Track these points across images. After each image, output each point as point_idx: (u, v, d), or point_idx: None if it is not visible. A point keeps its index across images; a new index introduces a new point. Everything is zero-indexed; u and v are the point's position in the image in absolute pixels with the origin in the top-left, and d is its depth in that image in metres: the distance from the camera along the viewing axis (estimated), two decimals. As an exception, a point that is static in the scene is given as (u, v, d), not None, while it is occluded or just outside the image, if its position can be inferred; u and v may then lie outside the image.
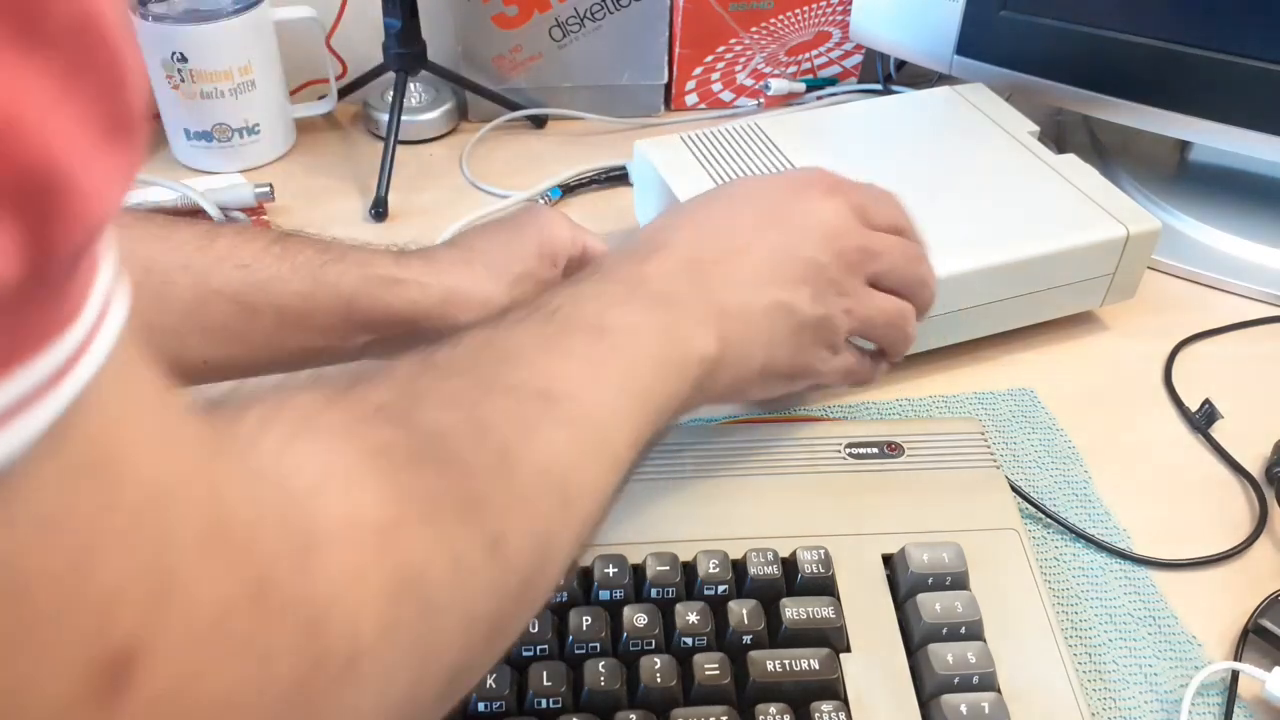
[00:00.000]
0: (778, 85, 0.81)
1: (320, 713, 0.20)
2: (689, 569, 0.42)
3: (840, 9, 0.78)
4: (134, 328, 0.16)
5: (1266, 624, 0.43)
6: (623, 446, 0.32)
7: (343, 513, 0.22)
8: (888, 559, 0.43)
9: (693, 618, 0.40)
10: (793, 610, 0.40)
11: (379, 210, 0.69)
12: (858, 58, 0.82)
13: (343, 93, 0.78)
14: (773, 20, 0.79)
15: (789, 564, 0.42)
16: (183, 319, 0.43)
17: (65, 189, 0.14)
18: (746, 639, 0.40)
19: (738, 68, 0.81)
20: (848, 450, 0.47)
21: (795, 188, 0.44)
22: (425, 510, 0.24)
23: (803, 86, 0.81)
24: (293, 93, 0.78)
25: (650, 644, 0.39)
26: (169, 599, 0.17)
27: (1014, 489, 0.48)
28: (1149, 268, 0.64)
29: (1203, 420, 0.54)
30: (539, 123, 0.79)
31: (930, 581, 0.41)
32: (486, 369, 0.30)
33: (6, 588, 0.15)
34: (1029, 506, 0.49)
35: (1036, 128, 0.65)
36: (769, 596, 0.41)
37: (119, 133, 0.15)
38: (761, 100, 0.82)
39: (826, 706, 0.38)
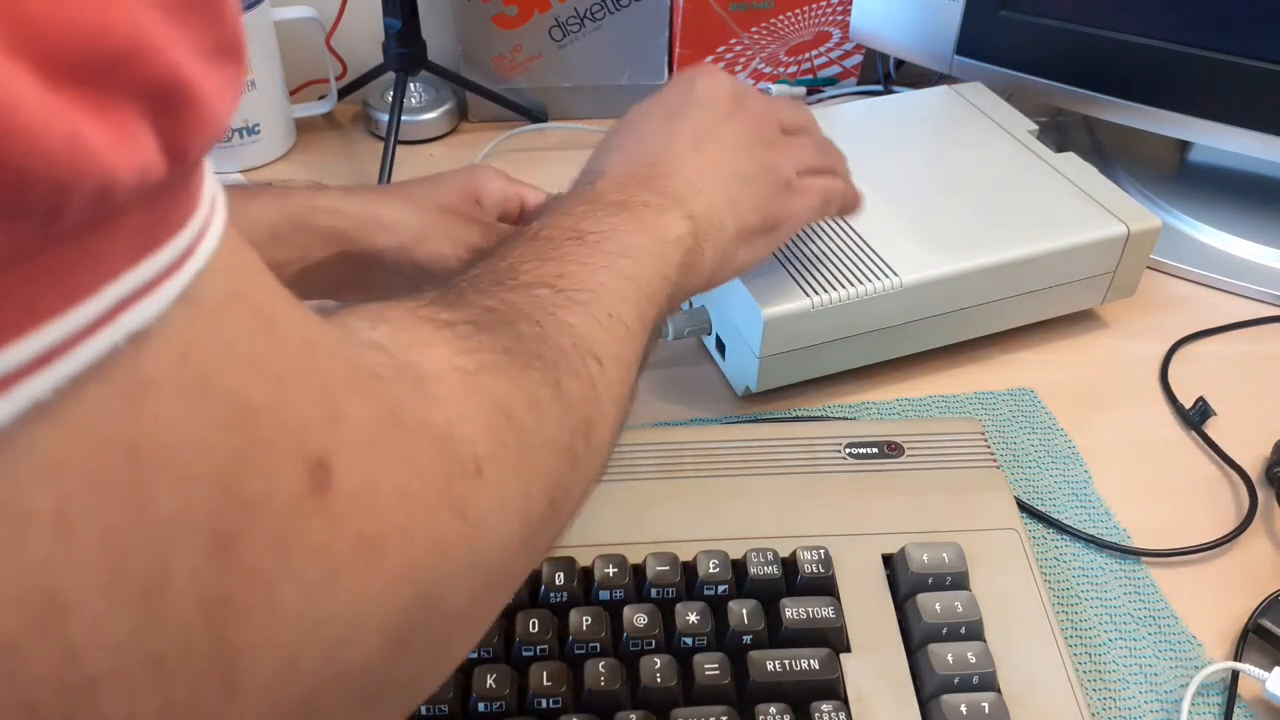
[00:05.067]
0: (778, 90, 0.81)
1: (465, 510, 0.24)
2: (689, 569, 0.42)
3: (840, 9, 0.78)
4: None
5: (1266, 624, 0.44)
6: (631, 321, 0.36)
7: (436, 364, 0.26)
8: (888, 559, 0.43)
9: (693, 618, 0.40)
10: (793, 610, 0.40)
11: (379, 210, 0.69)
12: (858, 58, 0.82)
13: (343, 93, 0.78)
14: (773, 20, 0.79)
15: (789, 564, 0.42)
16: None
17: (190, 99, 0.16)
18: (746, 639, 0.40)
19: (738, 68, 0.81)
20: (848, 450, 0.47)
21: (685, 84, 0.47)
22: (498, 362, 0.28)
23: (802, 90, 0.81)
24: (293, 93, 0.78)
25: (650, 644, 0.39)
26: (339, 421, 0.21)
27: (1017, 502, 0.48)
28: (1148, 267, 0.64)
29: (1196, 418, 0.54)
30: (539, 122, 0.79)
31: (930, 581, 0.41)
32: (495, 278, 0.33)
33: (239, 414, 0.18)
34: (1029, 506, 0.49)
35: (1036, 127, 0.65)
36: (769, 596, 0.41)
37: (225, 52, 0.17)
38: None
39: (826, 706, 0.38)
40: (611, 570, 0.41)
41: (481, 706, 0.37)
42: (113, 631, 0.17)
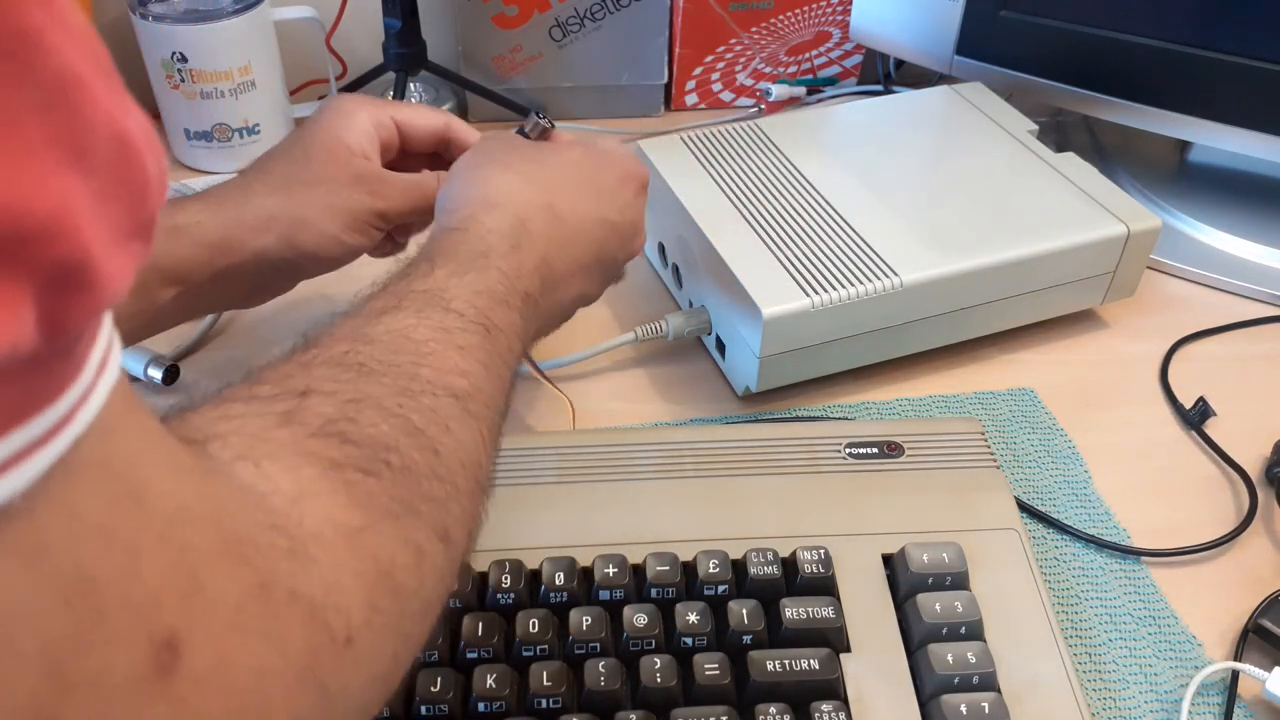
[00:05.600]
0: (779, 91, 0.81)
1: (328, 685, 0.23)
2: (689, 569, 0.42)
3: (840, 9, 0.78)
4: (123, 376, 0.19)
5: (1266, 624, 0.44)
6: (501, 422, 0.36)
7: (318, 521, 0.25)
8: (888, 559, 0.43)
9: (693, 618, 0.40)
10: (793, 610, 0.40)
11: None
12: (858, 58, 0.82)
13: (343, 92, 0.78)
14: (773, 20, 0.79)
15: (789, 564, 0.42)
16: None
17: (89, 279, 0.16)
18: (746, 639, 0.40)
19: (738, 68, 0.81)
20: (848, 450, 0.47)
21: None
22: (386, 512, 0.27)
23: (803, 90, 0.81)
24: (293, 93, 0.78)
25: (650, 644, 0.39)
26: (198, 596, 0.20)
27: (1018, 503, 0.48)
28: (1148, 267, 0.64)
29: (1196, 418, 0.54)
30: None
31: (930, 581, 0.41)
32: (405, 368, 0.32)
33: (79, 588, 0.18)
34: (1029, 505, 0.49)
35: (1036, 127, 0.65)
36: (769, 596, 0.41)
37: (138, 234, 0.18)
38: (762, 107, 0.82)
39: (826, 706, 0.38)
40: (611, 570, 0.41)
41: (481, 706, 0.37)
42: None
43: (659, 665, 0.38)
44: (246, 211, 0.46)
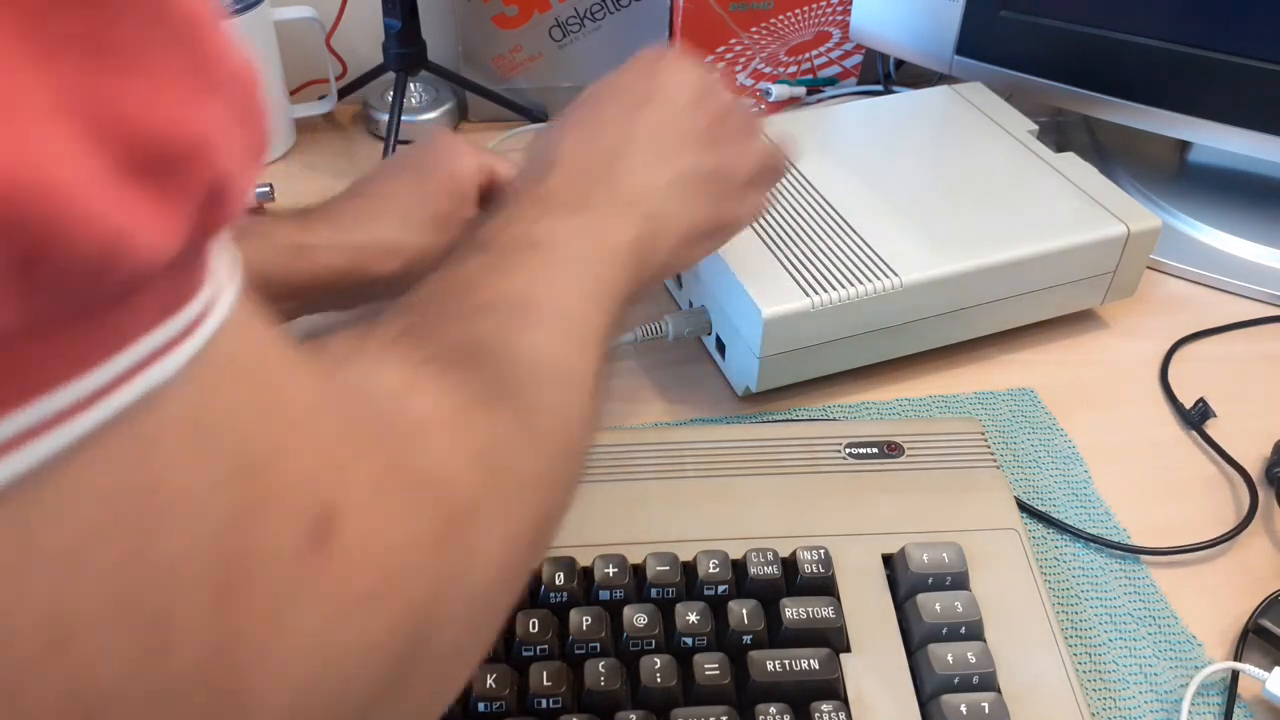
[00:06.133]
0: (779, 91, 0.81)
1: (459, 552, 0.26)
2: (689, 569, 0.42)
3: (840, 9, 0.78)
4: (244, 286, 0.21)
5: (1266, 624, 0.44)
6: (589, 334, 0.36)
7: (425, 407, 0.28)
8: (888, 559, 0.43)
9: (693, 618, 0.40)
10: (793, 610, 0.40)
11: (379, 210, 0.69)
12: (858, 58, 0.82)
13: (343, 93, 0.78)
14: (773, 20, 0.79)
15: (789, 564, 0.42)
16: None
17: (229, 195, 0.18)
18: (746, 639, 0.40)
19: (738, 68, 0.81)
20: (848, 450, 0.47)
21: (648, 70, 0.46)
22: (473, 402, 0.29)
23: (803, 90, 0.81)
24: (293, 93, 0.78)
25: (650, 644, 0.39)
26: (345, 474, 0.22)
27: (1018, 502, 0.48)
28: (1148, 267, 0.64)
29: (1196, 418, 0.54)
30: (539, 123, 0.79)
31: (930, 581, 0.41)
32: (455, 302, 0.34)
33: (238, 467, 0.19)
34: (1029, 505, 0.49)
35: (1035, 126, 0.65)
36: (769, 596, 0.41)
37: (257, 155, 0.19)
38: (762, 107, 0.82)
39: (826, 706, 0.38)
40: (611, 570, 0.41)
41: (481, 706, 0.37)
42: (116, 661, 0.17)
43: (659, 665, 0.38)
44: (374, 240, 0.49)
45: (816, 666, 0.39)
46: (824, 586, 0.42)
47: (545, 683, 0.38)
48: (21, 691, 0.17)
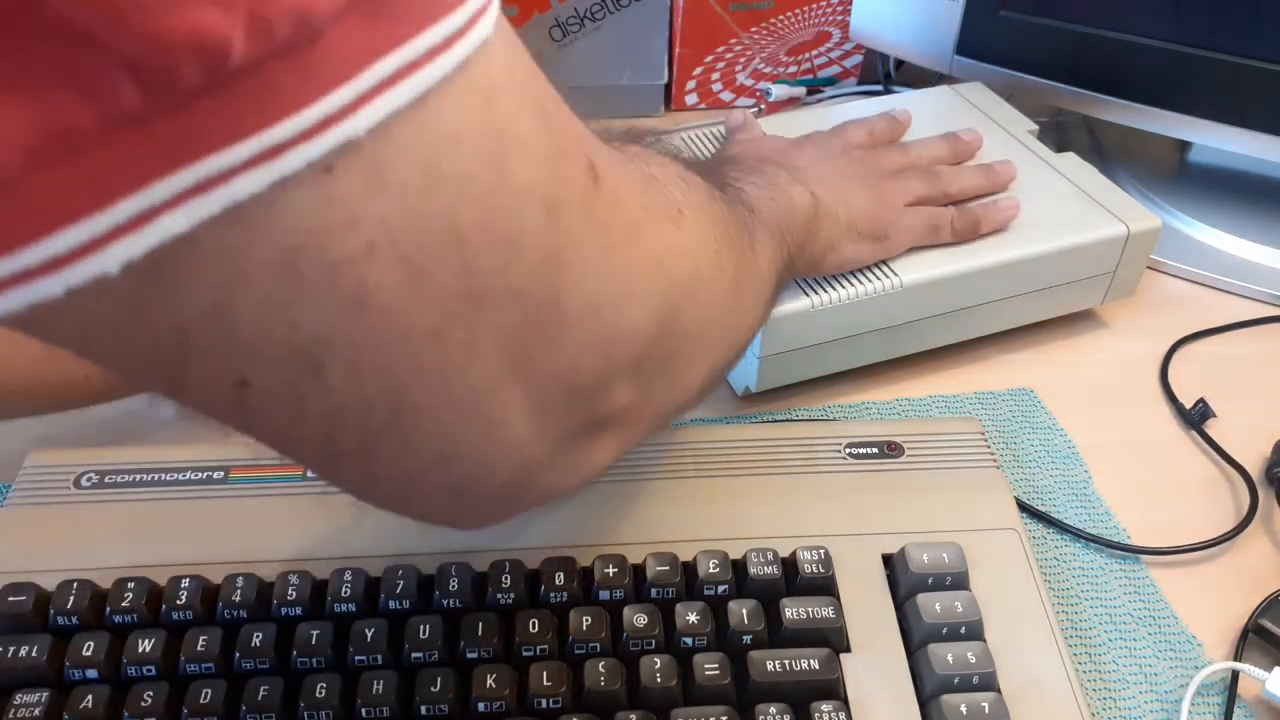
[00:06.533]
0: (779, 91, 0.81)
1: (677, 230, 0.30)
2: (689, 569, 0.42)
3: (840, 9, 0.78)
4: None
5: (1266, 624, 0.44)
6: (772, 257, 0.41)
7: (671, 197, 0.32)
8: (888, 559, 0.43)
9: (693, 618, 0.40)
10: (793, 610, 0.40)
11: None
12: (858, 58, 0.82)
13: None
14: (773, 20, 0.79)
15: (789, 564, 0.42)
16: None
17: None
18: (746, 639, 0.40)
19: (738, 68, 0.81)
20: (848, 450, 0.47)
21: (817, 140, 0.55)
22: (702, 204, 0.33)
23: (803, 90, 0.81)
24: (293, 93, 0.78)
25: (650, 644, 0.39)
26: (595, 151, 0.26)
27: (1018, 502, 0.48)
28: (1148, 267, 0.64)
29: (1196, 418, 0.54)
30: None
31: (930, 581, 0.41)
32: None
33: (546, 117, 0.24)
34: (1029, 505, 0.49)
35: (1035, 127, 0.65)
36: (769, 596, 0.41)
37: None
38: (762, 107, 0.82)
39: (826, 706, 0.38)
40: (611, 570, 0.41)
41: (481, 706, 0.37)
42: (490, 262, 0.22)
43: (659, 665, 0.38)
44: None
45: (816, 666, 0.39)
46: (824, 586, 0.42)
47: (545, 683, 0.38)
48: (422, 280, 0.21)
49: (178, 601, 0.40)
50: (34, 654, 0.38)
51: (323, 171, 0.19)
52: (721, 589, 0.41)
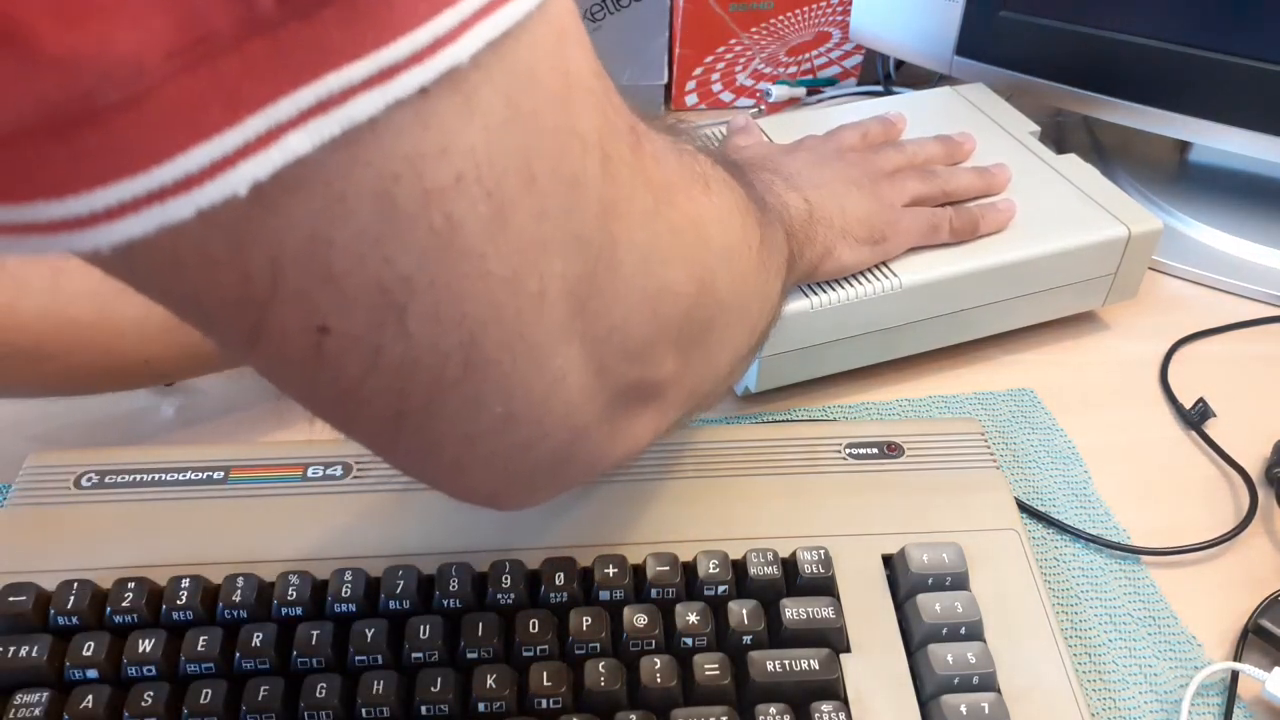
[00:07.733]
0: (779, 92, 0.81)
1: (705, 192, 0.31)
2: (689, 569, 0.42)
3: (840, 9, 0.78)
4: None
5: (1266, 624, 0.44)
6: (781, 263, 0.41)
7: (700, 167, 0.32)
8: (888, 559, 0.43)
9: (693, 618, 0.40)
10: (793, 610, 0.40)
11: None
12: (858, 58, 0.82)
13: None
14: (773, 21, 0.79)
15: (789, 564, 0.42)
16: (135, 321, 0.44)
17: None
18: (746, 639, 0.40)
19: (738, 68, 0.81)
20: (848, 450, 0.47)
21: (810, 145, 0.55)
22: (724, 180, 0.34)
23: (803, 91, 0.81)
24: (293, 93, 0.78)
25: (650, 644, 0.39)
26: (634, 118, 0.26)
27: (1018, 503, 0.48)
28: (1149, 268, 0.64)
29: (1196, 418, 0.54)
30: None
31: (930, 582, 0.41)
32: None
33: (596, 85, 0.24)
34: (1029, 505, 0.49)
35: (1037, 128, 0.65)
36: (769, 597, 0.41)
37: None
38: (762, 107, 0.82)
39: (826, 706, 0.38)
40: (611, 570, 0.41)
41: (481, 706, 0.37)
42: (557, 205, 0.22)
43: (659, 665, 0.38)
44: None
45: (816, 667, 0.39)
46: (824, 587, 0.42)
47: (545, 683, 0.38)
48: (511, 215, 0.22)
49: (178, 601, 0.40)
50: (34, 654, 0.38)
51: (420, 95, 0.19)
52: (721, 589, 0.41)
